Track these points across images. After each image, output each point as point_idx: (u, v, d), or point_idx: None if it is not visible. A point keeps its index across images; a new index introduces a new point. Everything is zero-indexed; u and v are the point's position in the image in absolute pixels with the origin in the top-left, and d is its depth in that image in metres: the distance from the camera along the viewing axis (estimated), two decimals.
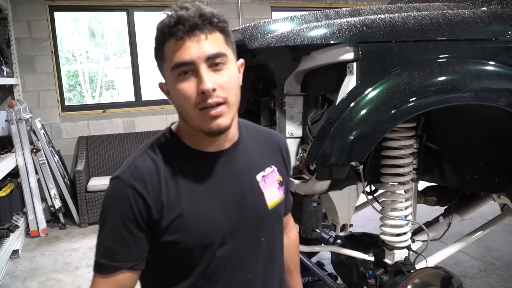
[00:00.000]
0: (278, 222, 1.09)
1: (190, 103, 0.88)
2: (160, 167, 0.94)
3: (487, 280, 2.79)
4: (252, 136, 1.08)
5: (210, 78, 0.87)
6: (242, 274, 1.00)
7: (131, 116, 5.07)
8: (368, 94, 1.45)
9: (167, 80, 0.93)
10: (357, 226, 2.55)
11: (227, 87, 0.89)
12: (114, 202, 0.92)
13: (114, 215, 0.92)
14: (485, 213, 2.58)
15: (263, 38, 1.54)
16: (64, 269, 3.31)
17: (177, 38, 0.86)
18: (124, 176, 0.92)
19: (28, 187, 4.06)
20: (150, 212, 0.91)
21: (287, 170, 1.15)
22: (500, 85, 1.56)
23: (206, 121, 0.89)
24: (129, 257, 0.92)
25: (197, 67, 0.87)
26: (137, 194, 0.90)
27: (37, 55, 4.68)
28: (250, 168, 1.03)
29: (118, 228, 0.91)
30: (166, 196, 0.92)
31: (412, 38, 1.50)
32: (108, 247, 0.93)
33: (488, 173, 1.91)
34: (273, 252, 1.07)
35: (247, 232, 1.00)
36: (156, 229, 0.92)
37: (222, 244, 0.96)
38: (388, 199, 1.90)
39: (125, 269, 0.92)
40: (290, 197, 1.24)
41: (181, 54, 0.86)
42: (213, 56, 0.87)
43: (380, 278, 1.93)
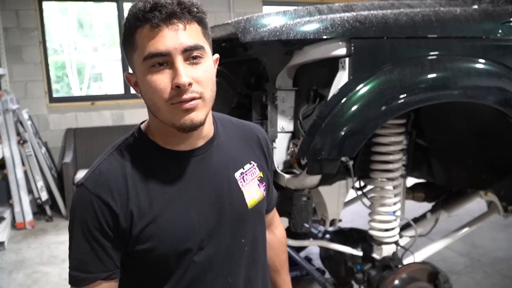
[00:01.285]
0: (259, 221, 1.03)
1: (162, 97, 0.82)
2: (128, 170, 0.88)
3: (473, 276, 2.83)
4: (229, 131, 1.02)
5: (186, 71, 0.81)
6: (223, 278, 0.95)
7: (120, 109, 5.02)
8: (359, 90, 1.45)
9: (137, 70, 0.85)
10: (346, 221, 2.57)
11: (204, 82, 0.84)
12: (79, 212, 0.86)
13: (81, 226, 0.86)
14: (471, 210, 2.61)
15: (255, 32, 1.53)
16: (50, 262, 3.28)
17: (152, 26, 0.79)
18: (88, 183, 0.86)
19: (14, 178, 4.01)
20: (117, 220, 0.85)
21: (268, 164, 1.09)
22: (489, 83, 1.58)
23: (179, 115, 0.83)
24: (102, 267, 0.87)
25: (172, 59, 0.80)
26: (102, 203, 0.84)
27: (25, 45, 4.61)
28: (227, 165, 0.97)
29: (86, 239, 0.86)
30: (135, 202, 0.86)
31: (404, 35, 1.50)
32: (79, 259, 0.88)
33: (475, 170, 1.94)
34: (255, 253, 1.01)
35: (226, 234, 0.94)
36: (127, 238, 0.87)
37: (200, 249, 0.91)
38: (377, 195, 1.92)
39: (100, 279, 0.87)
40: (274, 192, 1.20)
41: (156, 43, 0.79)
42: (191, 48, 0.81)
43: (368, 272, 1.95)
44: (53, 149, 4.79)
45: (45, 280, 2.96)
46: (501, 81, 1.57)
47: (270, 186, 1.13)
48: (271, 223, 1.22)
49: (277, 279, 1.23)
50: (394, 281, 1.79)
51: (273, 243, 1.20)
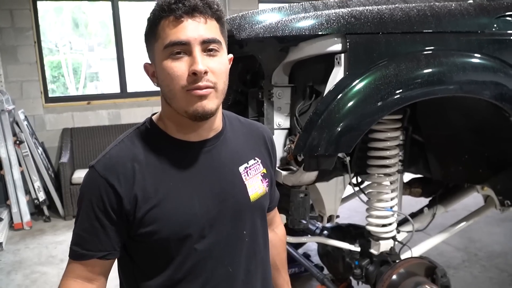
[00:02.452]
0: (260, 215, 1.06)
1: (179, 84, 0.87)
2: (137, 156, 0.92)
3: (470, 270, 2.85)
4: (236, 128, 1.07)
5: (203, 60, 0.86)
6: (223, 267, 0.98)
7: (117, 108, 5.01)
8: (355, 86, 1.45)
9: (156, 59, 0.90)
10: (343, 217, 2.57)
11: (218, 73, 0.89)
12: (86, 192, 0.92)
13: (86, 205, 0.91)
14: (468, 204, 2.62)
15: (251, 29, 1.53)
16: (49, 262, 3.27)
17: (176, 17, 0.85)
18: (97, 166, 0.91)
19: (11, 179, 4.00)
20: (121, 203, 0.89)
21: (272, 162, 1.13)
22: (485, 77, 1.58)
23: (192, 101, 0.87)
24: (100, 247, 0.91)
25: (191, 48, 0.86)
26: (108, 185, 0.89)
27: (20, 45, 4.59)
28: (232, 159, 1.01)
29: (89, 218, 0.91)
30: (141, 186, 0.90)
31: (400, 30, 1.50)
32: (80, 236, 0.93)
33: (472, 165, 1.95)
34: (255, 246, 1.04)
35: (228, 224, 0.98)
36: (131, 220, 0.91)
37: (202, 237, 0.94)
38: (374, 191, 1.92)
39: (96, 258, 0.92)
40: (276, 192, 1.23)
41: (177, 33, 0.85)
42: (209, 40, 0.87)
43: (366, 268, 1.96)
44: (50, 149, 4.78)
45: (44, 280, 2.96)
46: (497, 75, 1.58)
47: (273, 184, 1.17)
48: (272, 222, 1.25)
49: (277, 278, 1.26)
50: (392, 276, 1.79)
51: (274, 242, 1.23)
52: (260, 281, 1.07)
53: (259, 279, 1.06)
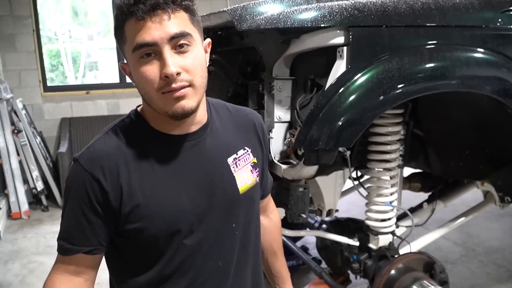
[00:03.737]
0: (251, 206, 1.04)
1: (153, 87, 0.84)
2: (122, 150, 0.90)
3: (468, 265, 2.85)
4: (224, 117, 1.04)
5: (174, 61, 0.82)
6: (213, 262, 0.97)
7: (116, 98, 4.99)
8: (357, 80, 1.43)
9: (129, 61, 0.88)
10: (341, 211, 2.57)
11: (192, 70, 0.85)
12: (71, 186, 0.90)
13: (72, 199, 0.89)
14: (467, 199, 2.62)
15: (252, 20, 1.51)
16: (46, 252, 3.27)
17: (138, 18, 0.81)
18: (81, 159, 0.88)
19: (9, 168, 3.99)
20: (107, 197, 0.87)
21: (263, 149, 1.10)
22: (488, 72, 1.57)
23: (170, 103, 0.85)
24: (86, 242, 0.90)
25: (160, 48, 0.82)
26: (93, 179, 0.86)
27: (18, 33, 4.55)
28: (220, 151, 0.98)
29: (75, 213, 0.89)
30: (126, 181, 0.88)
31: (403, 23, 1.48)
32: (66, 231, 0.91)
33: (472, 161, 1.94)
34: (246, 238, 1.03)
35: (217, 218, 0.96)
36: (117, 216, 0.89)
37: (191, 232, 0.93)
38: (374, 185, 1.92)
39: (82, 253, 0.90)
40: (270, 178, 1.21)
41: (142, 34, 0.81)
42: (177, 35, 0.82)
43: (364, 262, 1.96)
44: (48, 138, 4.76)
45: (41, 270, 2.96)
46: (500, 71, 1.56)
47: (265, 171, 1.14)
48: (267, 209, 1.24)
49: (275, 262, 1.26)
50: (390, 271, 1.79)
51: (270, 228, 1.23)
52: (251, 273, 1.07)
53: (249, 271, 1.06)
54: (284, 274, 1.28)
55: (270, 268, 1.26)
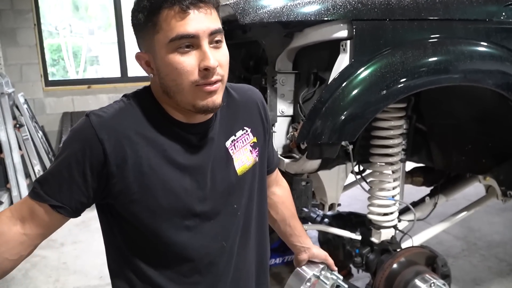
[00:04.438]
0: (251, 186, 1.05)
1: (188, 79, 0.84)
2: (135, 120, 0.89)
3: (469, 259, 2.86)
4: (224, 98, 1.01)
5: (213, 54, 0.84)
6: (217, 243, 0.98)
7: (117, 92, 4.98)
8: (360, 74, 1.43)
9: (157, 51, 0.86)
10: (343, 205, 2.57)
11: (225, 65, 0.88)
12: (72, 137, 0.88)
13: (66, 150, 0.87)
14: (468, 194, 2.61)
15: (255, 13, 1.51)
16: (49, 246, 3.28)
17: (182, 8, 0.81)
18: (92, 116, 0.87)
19: (11, 163, 3.99)
20: (105, 160, 0.85)
21: (265, 127, 1.11)
22: (492, 66, 1.56)
23: (202, 97, 0.86)
24: (57, 196, 0.86)
25: (200, 41, 0.83)
26: (98, 138, 0.84)
27: (19, 27, 4.54)
28: (219, 134, 1.00)
29: (62, 163, 0.86)
30: (134, 151, 0.87)
31: (407, 17, 1.48)
32: (46, 176, 0.88)
33: (475, 155, 1.94)
34: (248, 217, 1.04)
35: (218, 201, 0.97)
36: (113, 183, 0.87)
37: (192, 214, 0.94)
38: (376, 179, 1.91)
39: (48, 204, 0.86)
40: (275, 154, 1.25)
41: (185, 25, 0.82)
42: (216, 31, 0.85)
43: (366, 256, 1.96)
44: (50, 133, 4.76)
45: (44, 264, 2.97)
46: (504, 64, 1.56)
47: (270, 147, 1.17)
48: (277, 179, 1.28)
49: (296, 223, 1.30)
50: (392, 264, 1.80)
51: (286, 194, 1.30)
52: (255, 252, 1.09)
53: (253, 250, 1.08)
54: (304, 231, 1.33)
55: (293, 230, 1.29)
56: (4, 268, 0.88)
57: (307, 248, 1.30)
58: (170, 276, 0.95)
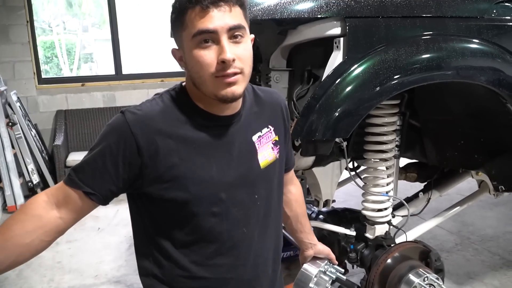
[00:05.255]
0: (271, 180, 1.13)
1: (208, 71, 0.92)
2: (167, 116, 0.97)
3: (463, 253, 2.89)
4: (251, 97, 1.12)
5: (231, 48, 0.91)
6: (239, 229, 1.05)
7: (111, 90, 4.96)
8: (354, 71, 1.44)
9: (185, 47, 0.95)
10: (338, 201, 2.58)
11: (244, 59, 0.94)
12: (107, 131, 0.96)
13: (102, 141, 0.95)
14: (461, 189, 2.64)
15: (249, 11, 1.50)
16: None
17: (202, 7, 0.89)
18: (127, 113, 0.95)
19: (4, 161, 3.97)
20: (139, 154, 0.93)
21: (286, 128, 1.19)
22: (484, 63, 1.58)
23: (221, 87, 0.93)
24: (90, 183, 0.94)
25: (218, 36, 0.90)
26: (131, 132, 0.93)
27: (12, 24, 4.51)
28: (247, 130, 1.07)
29: (97, 153, 0.94)
30: (165, 144, 0.95)
31: (399, 14, 1.49)
32: (81, 164, 0.96)
33: (467, 150, 1.95)
34: (267, 208, 1.11)
35: (242, 190, 1.04)
36: (147, 173, 0.94)
37: (219, 200, 1.01)
38: (370, 175, 1.93)
39: (82, 191, 0.94)
40: (292, 154, 1.31)
41: (205, 22, 0.90)
42: (234, 27, 0.91)
43: (361, 252, 1.97)
44: (44, 131, 4.74)
45: (38, 263, 2.96)
46: (495, 61, 1.57)
47: (289, 146, 1.25)
48: (292, 179, 1.36)
49: (306, 221, 1.39)
50: (386, 259, 1.81)
51: (300, 192, 1.37)
52: (272, 240, 1.16)
53: (271, 238, 1.15)
54: (311, 229, 1.41)
55: (303, 228, 1.38)
56: (40, 249, 0.96)
57: (313, 245, 1.40)
58: (194, 258, 1.03)
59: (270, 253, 1.16)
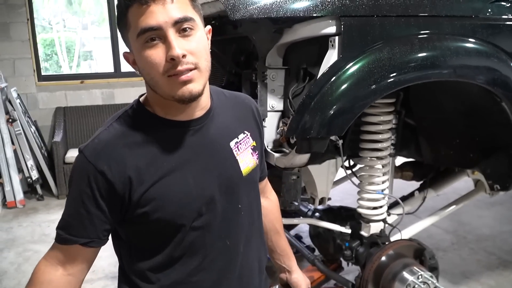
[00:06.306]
0: (253, 187, 1.08)
1: (158, 71, 0.84)
2: (127, 139, 0.90)
3: (459, 252, 2.90)
4: (223, 102, 1.05)
5: (179, 43, 0.83)
6: (221, 241, 1.00)
7: (110, 87, 4.97)
8: (349, 69, 1.45)
9: (133, 48, 0.88)
10: (335, 200, 2.60)
11: (197, 53, 0.86)
12: (75, 177, 0.90)
13: (74, 190, 0.90)
14: (458, 188, 2.65)
15: (245, 9, 1.52)
16: (42, 240, 3.29)
17: (141, 3, 0.82)
18: (86, 151, 0.89)
19: (4, 157, 3.99)
20: (113, 188, 0.87)
21: (260, 133, 1.13)
22: (478, 62, 1.59)
23: (176, 87, 0.85)
24: (83, 233, 0.90)
25: (164, 32, 0.83)
26: (97, 171, 0.87)
27: (12, 22, 4.52)
28: (223, 135, 1.01)
29: (76, 203, 0.90)
30: (134, 169, 0.88)
31: (394, 13, 1.49)
32: (66, 220, 0.92)
33: (463, 149, 1.96)
34: (250, 217, 1.07)
35: (223, 200, 0.98)
36: (126, 204, 0.90)
37: (199, 214, 0.95)
38: (366, 174, 1.94)
39: (79, 244, 0.91)
40: (265, 163, 1.25)
41: (146, 19, 0.82)
42: (181, 20, 0.83)
43: (356, 249, 1.98)
44: (43, 128, 4.76)
45: (37, 258, 2.95)
46: (490, 60, 1.58)
47: (263, 154, 1.18)
48: (265, 190, 1.28)
49: (279, 240, 1.31)
50: (381, 257, 1.82)
51: (271, 208, 1.28)
52: (256, 250, 1.10)
53: (255, 248, 1.10)
54: (289, 251, 1.33)
55: (275, 247, 1.30)
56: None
57: (288, 271, 1.33)
58: (175, 277, 0.97)
59: (255, 263, 1.11)
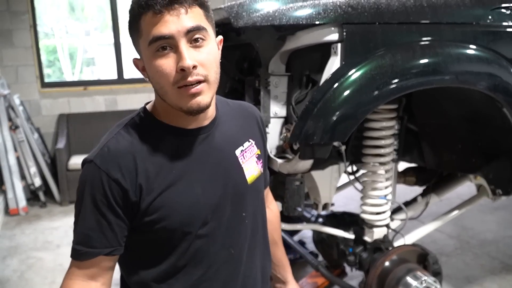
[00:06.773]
0: (258, 196, 1.09)
1: (168, 81, 0.85)
2: (136, 147, 0.90)
3: (462, 257, 2.89)
4: (228, 111, 1.06)
5: (190, 54, 0.83)
6: (225, 250, 0.99)
7: (113, 94, 4.99)
8: (351, 75, 1.46)
9: (143, 56, 0.88)
10: (338, 205, 2.60)
11: (207, 65, 0.86)
12: (88, 188, 0.89)
13: (89, 201, 0.88)
14: (461, 193, 2.65)
15: (248, 17, 1.54)
16: (45, 247, 3.29)
17: (155, 12, 0.82)
18: (97, 160, 0.88)
19: (6, 165, 4.00)
20: (127, 196, 0.88)
21: (264, 142, 1.14)
22: (480, 68, 1.60)
23: (185, 99, 0.86)
24: (106, 243, 0.90)
25: (176, 42, 0.83)
26: (112, 179, 0.87)
27: (15, 28, 4.54)
28: (228, 143, 1.01)
29: (93, 214, 0.88)
30: (144, 177, 0.89)
31: (396, 20, 1.51)
32: (85, 234, 0.90)
33: (465, 154, 1.97)
34: (255, 226, 1.07)
35: (228, 208, 0.99)
36: (135, 211, 0.90)
37: (204, 223, 0.95)
38: (369, 179, 1.94)
39: (102, 255, 0.90)
40: (267, 171, 1.25)
41: (159, 28, 0.82)
42: (193, 29, 0.83)
43: (360, 255, 1.99)
44: (46, 134, 4.77)
45: (40, 265, 2.98)
46: (491, 66, 1.59)
47: (266, 163, 1.18)
48: (266, 200, 1.27)
49: (276, 251, 1.29)
50: (384, 262, 1.82)
51: (270, 218, 1.26)
52: (260, 260, 1.10)
53: (259, 257, 1.09)
54: (285, 262, 1.32)
55: (272, 258, 1.28)
56: None
57: (283, 282, 1.33)
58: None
59: (259, 273, 1.10)
